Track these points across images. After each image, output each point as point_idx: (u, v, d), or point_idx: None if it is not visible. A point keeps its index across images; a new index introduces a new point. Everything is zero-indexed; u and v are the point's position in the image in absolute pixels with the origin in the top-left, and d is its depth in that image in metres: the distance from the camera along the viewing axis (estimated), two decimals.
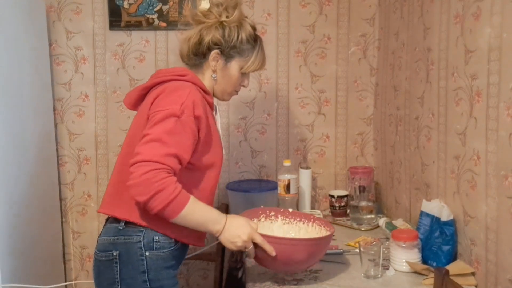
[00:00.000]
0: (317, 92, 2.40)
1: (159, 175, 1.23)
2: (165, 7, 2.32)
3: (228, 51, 1.48)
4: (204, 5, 1.58)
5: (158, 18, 2.33)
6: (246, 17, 1.54)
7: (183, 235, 1.40)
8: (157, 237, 1.36)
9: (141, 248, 1.35)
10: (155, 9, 2.32)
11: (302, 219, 1.63)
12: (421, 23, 1.80)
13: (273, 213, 1.65)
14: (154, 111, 1.32)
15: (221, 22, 1.47)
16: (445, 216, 1.54)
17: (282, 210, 1.67)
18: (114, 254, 1.35)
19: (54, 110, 2.35)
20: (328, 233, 1.51)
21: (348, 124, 2.43)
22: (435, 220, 1.58)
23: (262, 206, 1.94)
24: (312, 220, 1.62)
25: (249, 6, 2.34)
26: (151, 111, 1.34)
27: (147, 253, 1.35)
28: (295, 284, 1.47)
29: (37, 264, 2.02)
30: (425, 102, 1.77)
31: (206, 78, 1.51)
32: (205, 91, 1.45)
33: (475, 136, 1.41)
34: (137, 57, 2.37)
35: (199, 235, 1.46)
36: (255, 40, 1.52)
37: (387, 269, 1.56)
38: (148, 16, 2.33)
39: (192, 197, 1.29)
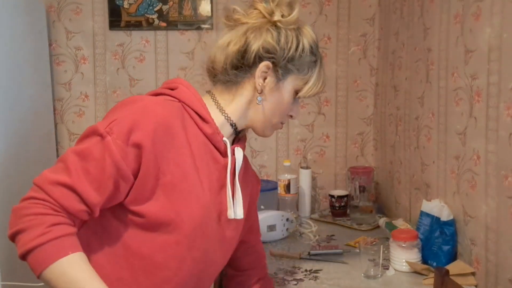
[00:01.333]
0: None
1: (34, 209, 0.87)
2: (165, 7, 2.32)
3: (284, 64, 1.05)
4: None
5: (158, 18, 2.33)
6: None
7: None
8: None
9: None
10: (155, 9, 2.32)
11: None
12: (421, 23, 1.80)
13: None
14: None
15: (274, 23, 1.06)
16: (445, 216, 1.54)
17: None
18: None
19: (54, 110, 2.35)
20: None
21: (348, 124, 2.43)
22: (435, 220, 1.58)
23: (262, 207, 1.94)
24: None
25: (249, 6, 2.33)
26: None
27: None
28: (295, 284, 1.47)
29: None
30: (425, 102, 1.77)
31: (242, 101, 1.07)
32: (201, 117, 1.03)
33: (475, 136, 1.41)
34: (137, 57, 2.37)
35: None
36: (317, 52, 1.10)
37: (387, 269, 1.56)
38: (148, 16, 2.33)
39: (75, 254, 0.87)
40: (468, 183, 1.46)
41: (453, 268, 1.40)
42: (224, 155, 1.06)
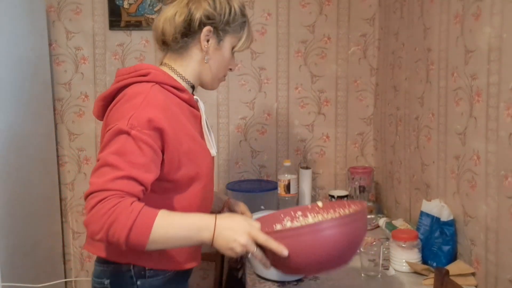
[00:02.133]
0: (317, 92, 2.40)
1: (108, 204, 1.00)
2: (165, 7, 2.32)
3: (222, 27, 1.24)
4: None
5: None
6: None
7: (166, 262, 1.22)
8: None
9: (131, 277, 1.20)
10: (155, 9, 2.32)
11: (336, 209, 1.28)
12: (421, 23, 1.80)
13: (299, 212, 1.32)
14: (106, 129, 1.12)
15: None
16: (445, 216, 1.54)
17: (310, 206, 1.32)
18: (105, 282, 1.23)
19: (54, 110, 2.35)
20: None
21: (348, 124, 2.43)
22: (435, 220, 1.58)
23: (262, 207, 1.93)
24: (347, 206, 1.27)
25: (249, 6, 2.34)
26: (105, 128, 1.15)
27: (138, 282, 1.21)
28: (295, 285, 1.47)
29: (37, 263, 2.02)
30: (425, 102, 1.77)
31: (193, 63, 1.27)
32: (178, 88, 1.21)
33: (475, 136, 1.41)
34: (137, 57, 2.37)
35: (188, 255, 1.27)
36: (245, 13, 1.29)
37: (387, 269, 1.56)
38: (148, 16, 2.33)
39: (161, 211, 1.04)
40: (468, 183, 1.46)
41: (453, 268, 1.40)
42: (197, 109, 1.30)
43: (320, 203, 1.32)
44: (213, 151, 1.30)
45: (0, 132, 1.74)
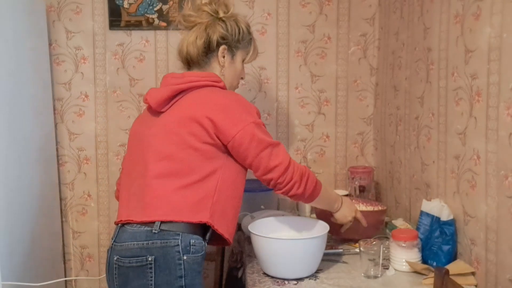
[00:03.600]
0: (317, 92, 2.40)
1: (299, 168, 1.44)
2: (165, 7, 2.32)
3: (234, 44, 1.53)
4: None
5: (158, 18, 2.33)
6: None
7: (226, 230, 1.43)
8: (193, 241, 1.34)
9: (179, 252, 1.31)
10: (155, 9, 2.32)
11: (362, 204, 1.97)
12: (421, 22, 1.80)
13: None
14: (232, 128, 1.37)
15: (221, 18, 1.51)
16: (445, 215, 1.54)
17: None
18: (149, 259, 1.30)
19: (54, 109, 2.35)
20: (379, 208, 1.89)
21: (348, 124, 2.43)
22: (435, 220, 1.58)
23: (262, 207, 1.94)
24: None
25: (249, 5, 2.34)
26: (218, 124, 1.36)
27: (184, 257, 1.32)
28: (295, 284, 1.47)
29: (37, 263, 2.02)
30: (425, 101, 1.77)
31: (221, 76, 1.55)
32: None
33: (475, 136, 1.41)
34: (137, 57, 2.37)
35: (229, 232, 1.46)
36: (251, 31, 1.59)
37: (387, 268, 1.56)
38: (148, 16, 2.33)
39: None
40: (468, 183, 1.46)
41: (453, 268, 1.40)
42: None
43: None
44: None
45: (0, 132, 1.73)
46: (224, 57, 1.52)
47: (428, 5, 1.74)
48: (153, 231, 1.31)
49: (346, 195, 2.21)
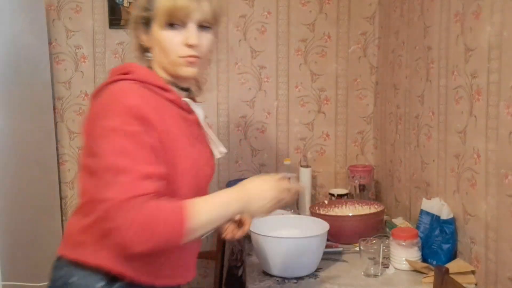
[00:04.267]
0: (317, 91, 2.40)
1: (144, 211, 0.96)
2: None
3: (145, 15, 1.19)
4: None
5: None
6: None
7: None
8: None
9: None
10: None
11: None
12: (421, 21, 1.80)
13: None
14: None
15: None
16: (445, 214, 1.54)
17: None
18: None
19: (54, 108, 2.35)
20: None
21: (348, 123, 2.43)
22: (435, 219, 1.58)
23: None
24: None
25: (249, 4, 2.34)
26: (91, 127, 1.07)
27: None
28: (295, 283, 1.47)
29: (37, 262, 2.02)
30: (425, 100, 1.77)
31: (155, 63, 1.23)
32: (162, 88, 1.14)
33: (475, 134, 1.41)
34: (137, 56, 2.36)
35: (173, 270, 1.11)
36: None
37: (387, 267, 1.56)
38: None
39: (188, 202, 0.99)
40: (468, 182, 1.46)
41: (453, 266, 1.40)
42: (189, 112, 1.20)
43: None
44: (216, 152, 1.24)
45: (0, 131, 1.73)
46: (139, 35, 1.30)
47: (428, 4, 1.74)
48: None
49: (346, 194, 2.21)
